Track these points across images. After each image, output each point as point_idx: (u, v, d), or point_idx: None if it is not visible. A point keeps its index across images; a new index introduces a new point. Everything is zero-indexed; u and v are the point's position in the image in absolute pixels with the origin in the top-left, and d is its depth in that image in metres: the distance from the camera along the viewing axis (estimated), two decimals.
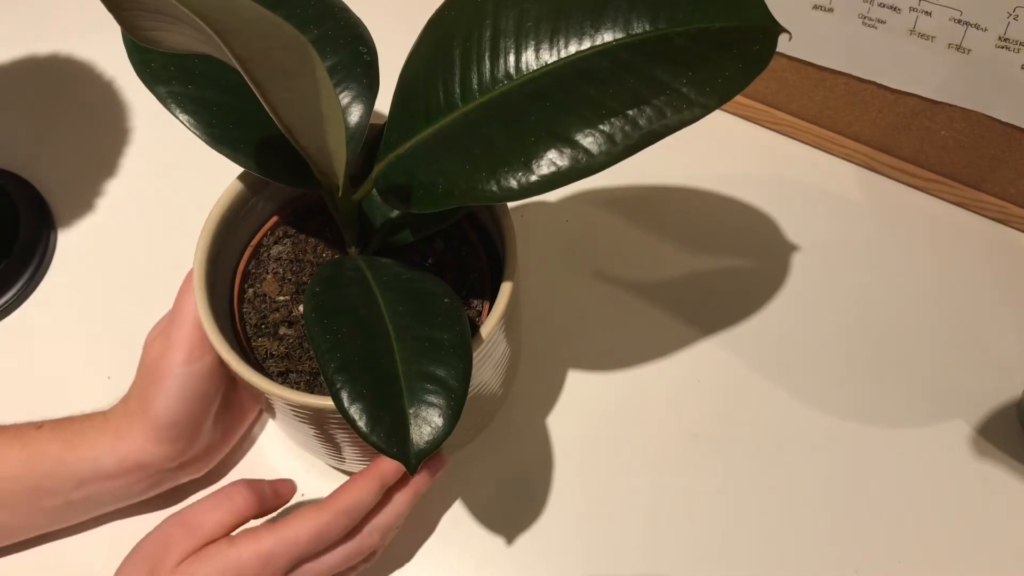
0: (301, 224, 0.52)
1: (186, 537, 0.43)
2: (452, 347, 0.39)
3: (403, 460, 0.37)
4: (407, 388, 0.38)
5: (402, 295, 0.42)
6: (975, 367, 0.59)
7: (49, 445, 0.48)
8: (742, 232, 0.64)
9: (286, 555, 0.43)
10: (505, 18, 0.41)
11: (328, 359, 0.38)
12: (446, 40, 0.42)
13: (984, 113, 0.59)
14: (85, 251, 0.64)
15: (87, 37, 0.74)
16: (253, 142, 0.44)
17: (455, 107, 0.41)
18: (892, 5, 0.57)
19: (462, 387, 0.38)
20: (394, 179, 0.42)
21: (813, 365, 0.59)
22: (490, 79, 0.41)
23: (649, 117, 0.37)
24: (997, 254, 0.63)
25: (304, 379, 0.47)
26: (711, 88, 0.37)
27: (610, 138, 0.37)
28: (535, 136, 0.38)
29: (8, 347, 0.60)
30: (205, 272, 0.46)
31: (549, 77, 0.40)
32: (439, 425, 0.37)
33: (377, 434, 0.37)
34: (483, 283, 0.50)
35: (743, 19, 0.39)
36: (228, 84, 0.44)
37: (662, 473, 0.55)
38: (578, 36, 0.40)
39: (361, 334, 0.39)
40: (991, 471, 0.55)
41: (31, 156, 0.68)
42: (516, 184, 0.38)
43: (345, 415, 0.37)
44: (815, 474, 0.55)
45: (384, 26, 0.51)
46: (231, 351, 0.44)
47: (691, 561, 0.52)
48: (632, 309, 0.61)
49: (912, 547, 0.53)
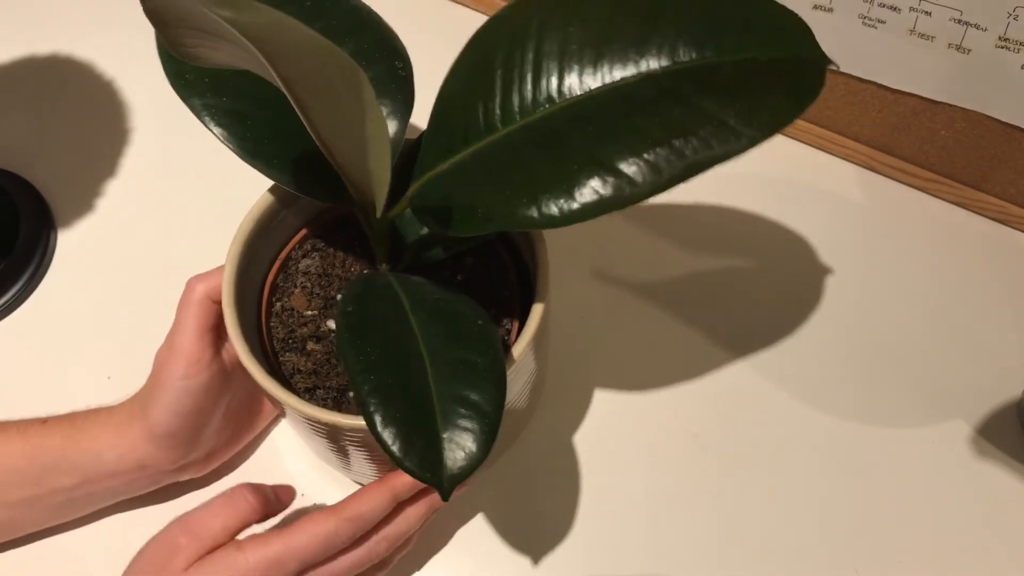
0: (330, 237, 0.51)
1: (191, 542, 0.43)
2: (486, 371, 0.39)
3: (436, 486, 0.36)
4: (440, 412, 0.37)
5: (435, 316, 0.41)
6: (975, 367, 0.59)
7: (52, 439, 0.48)
8: (742, 232, 0.64)
9: (293, 560, 0.43)
10: (549, 41, 0.40)
11: (361, 381, 0.37)
12: (487, 61, 0.41)
13: (984, 113, 0.59)
14: (85, 251, 0.64)
15: (87, 37, 0.74)
16: (287, 157, 0.44)
17: (495, 129, 0.40)
18: (892, 5, 0.57)
19: (496, 412, 0.38)
20: (430, 199, 0.41)
21: (813, 365, 0.59)
22: (532, 102, 0.40)
23: (695, 148, 0.36)
24: (997, 254, 0.63)
25: (331, 395, 0.47)
26: (758, 121, 0.36)
27: (655, 168, 0.37)
28: (578, 163, 0.37)
29: (8, 347, 0.60)
30: (234, 286, 0.45)
31: (592, 102, 0.39)
32: (473, 450, 0.37)
33: (411, 459, 0.36)
34: (513, 301, 0.49)
35: (792, 52, 0.38)
36: (262, 97, 0.44)
37: (662, 473, 0.55)
38: (622, 62, 0.39)
39: (394, 355, 0.39)
40: (991, 471, 0.55)
41: (31, 156, 0.68)
42: (557, 211, 0.37)
43: (378, 439, 0.36)
44: (815, 474, 0.55)
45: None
46: (260, 368, 0.43)
47: (691, 561, 0.52)
48: (632, 309, 0.61)
49: (912, 547, 0.53)
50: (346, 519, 0.44)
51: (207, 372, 0.47)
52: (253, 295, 0.49)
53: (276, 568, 0.43)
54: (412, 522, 0.46)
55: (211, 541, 0.43)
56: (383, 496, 0.44)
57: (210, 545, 0.43)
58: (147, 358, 0.48)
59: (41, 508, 0.49)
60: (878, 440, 0.56)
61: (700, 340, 0.60)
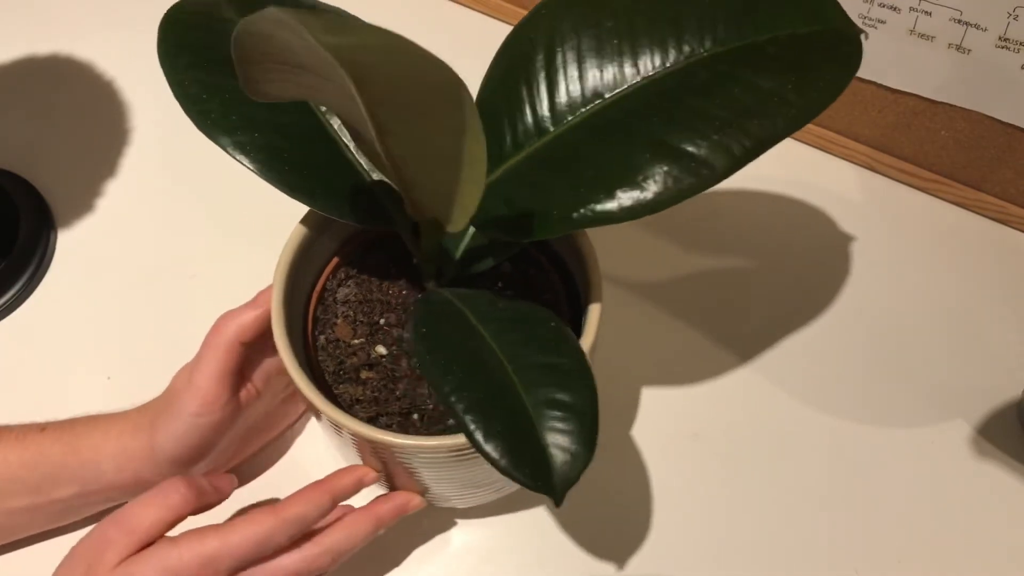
0: (362, 263, 0.51)
1: (123, 536, 0.42)
2: (572, 370, 0.39)
3: (549, 493, 0.36)
4: (536, 419, 0.37)
5: (504, 324, 0.41)
6: (975, 367, 0.59)
7: (52, 448, 0.48)
8: (742, 232, 0.64)
9: (229, 558, 0.42)
10: (586, 38, 0.41)
11: (455, 400, 0.37)
12: (525, 65, 0.41)
13: (984, 113, 0.59)
14: (85, 251, 0.64)
15: (87, 37, 0.74)
16: (325, 186, 0.44)
17: (546, 131, 0.41)
18: (892, 5, 0.57)
19: (592, 408, 0.37)
20: (492, 209, 0.41)
21: (813, 365, 0.59)
22: (581, 99, 0.41)
23: (761, 124, 0.38)
24: (997, 254, 0.63)
25: (395, 420, 0.46)
26: (816, 91, 0.38)
27: (726, 148, 0.38)
28: (649, 152, 0.38)
29: (8, 347, 0.60)
30: (284, 322, 0.44)
31: (646, 92, 0.40)
32: (578, 452, 0.36)
33: (521, 471, 0.36)
34: (559, 304, 0.49)
35: (824, 22, 0.40)
36: (289, 130, 0.44)
37: (662, 473, 0.55)
38: (662, 50, 0.40)
39: (478, 370, 0.38)
40: (991, 471, 0.55)
41: (31, 156, 0.68)
42: (634, 202, 0.38)
43: (485, 455, 0.36)
44: (815, 474, 0.55)
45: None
46: (358, 422, 0.42)
47: (691, 561, 0.52)
48: (631, 309, 0.61)
49: (912, 547, 0.53)
50: (284, 519, 0.43)
51: (220, 413, 0.47)
52: (298, 332, 0.48)
53: (210, 566, 0.42)
54: (358, 534, 0.45)
55: (144, 535, 0.42)
56: (322, 497, 0.44)
57: (143, 539, 0.42)
58: (147, 358, 0.48)
59: (40, 515, 0.49)
60: (878, 440, 0.56)
61: (700, 340, 0.60)
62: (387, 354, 0.48)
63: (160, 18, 0.44)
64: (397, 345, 0.48)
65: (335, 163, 0.44)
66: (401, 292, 0.49)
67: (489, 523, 0.54)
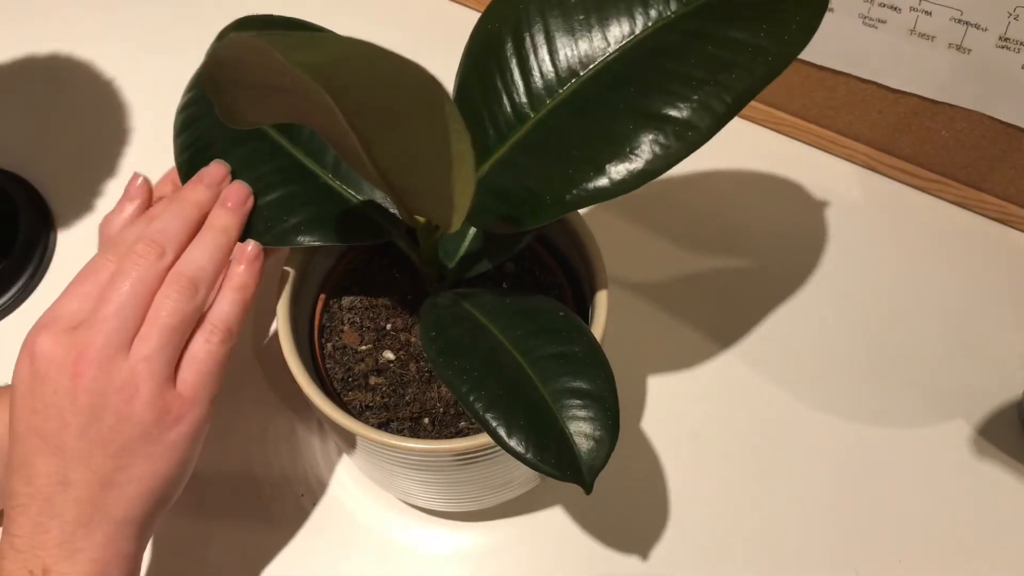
0: (364, 269, 0.51)
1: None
2: (586, 357, 0.39)
3: (578, 482, 0.36)
4: (556, 409, 0.37)
5: (513, 319, 0.41)
6: (975, 367, 0.58)
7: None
8: (742, 232, 0.64)
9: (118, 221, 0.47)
10: (552, 17, 0.40)
11: (474, 400, 0.37)
12: (496, 54, 0.41)
13: (985, 113, 0.59)
14: (85, 251, 0.64)
15: (87, 37, 0.74)
16: (313, 218, 0.44)
17: (527, 117, 0.40)
18: (892, 5, 0.57)
19: (611, 393, 0.38)
20: (486, 204, 0.40)
21: (813, 365, 0.59)
22: (556, 80, 0.40)
23: (739, 77, 0.37)
24: (997, 254, 0.63)
25: (407, 426, 0.46)
26: (789, 36, 0.37)
27: (707, 106, 0.37)
28: (632, 123, 0.38)
29: (8, 347, 0.60)
30: (291, 333, 0.45)
31: (620, 63, 0.39)
32: (602, 437, 0.37)
33: (548, 462, 0.36)
34: (565, 297, 0.49)
35: None
36: (269, 179, 0.44)
37: (661, 472, 0.55)
38: (630, 17, 0.40)
39: (492, 367, 0.38)
40: (991, 471, 0.55)
41: (31, 156, 0.68)
42: (626, 174, 0.37)
43: (509, 450, 0.36)
44: (815, 474, 0.55)
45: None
46: (351, 418, 0.42)
47: (691, 561, 0.52)
48: (631, 309, 0.61)
49: (912, 547, 0.53)
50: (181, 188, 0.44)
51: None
52: (304, 341, 0.48)
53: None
54: (243, 283, 0.43)
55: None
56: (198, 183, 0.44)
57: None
58: None
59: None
60: (878, 440, 0.56)
61: (700, 340, 0.60)
62: (395, 359, 0.48)
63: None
64: (405, 350, 0.48)
65: (318, 193, 0.44)
66: (407, 296, 0.49)
67: (488, 524, 0.54)
